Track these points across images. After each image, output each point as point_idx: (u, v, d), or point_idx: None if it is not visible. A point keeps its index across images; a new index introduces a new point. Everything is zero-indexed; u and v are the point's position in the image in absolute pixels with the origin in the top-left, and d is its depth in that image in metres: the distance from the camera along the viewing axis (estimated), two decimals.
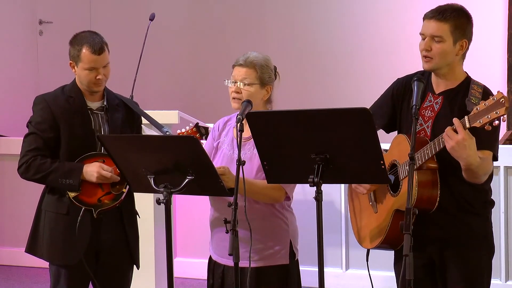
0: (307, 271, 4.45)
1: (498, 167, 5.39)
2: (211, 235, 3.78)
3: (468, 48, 3.44)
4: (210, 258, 3.80)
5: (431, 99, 3.47)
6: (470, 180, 3.31)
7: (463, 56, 3.45)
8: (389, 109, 3.59)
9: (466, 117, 3.15)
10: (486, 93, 3.37)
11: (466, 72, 3.49)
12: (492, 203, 3.52)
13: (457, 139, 3.15)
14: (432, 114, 3.44)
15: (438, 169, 3.33)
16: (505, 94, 6.80)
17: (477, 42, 3.52)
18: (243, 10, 8.10)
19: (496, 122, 3.10)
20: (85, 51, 3.78)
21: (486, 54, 6.90)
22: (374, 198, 3.60)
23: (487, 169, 3.34)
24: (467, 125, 3.14)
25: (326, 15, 7.81)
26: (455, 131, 3.16)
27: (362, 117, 3.05)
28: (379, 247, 3.54)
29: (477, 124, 3.12)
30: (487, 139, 3.30)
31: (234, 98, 3.66)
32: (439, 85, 3.48)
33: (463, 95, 3.38)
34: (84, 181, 3.75)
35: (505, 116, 3.09)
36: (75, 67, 3.84)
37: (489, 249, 3.50)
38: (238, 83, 3.64)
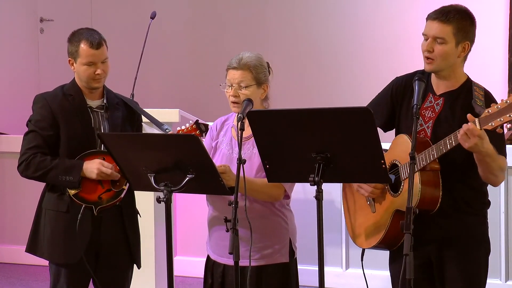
0: (307, 270, 4.45)
1: None
2: (209, 234, 3.78)
3: (470, 50, 3.42)
4: (208, 257, 3.80)
5: (432, 100, 3.46)
6: (487, 178, 3.30)
7: (465, 58, 3.44)
8: (388, 108, 3.58)
9: (476, 120, 3.13)
10: (487, 96, 3.36)
11: (466, 74, 3.48)
12: (488, 204, 3.53)
13: (477, 133, 3.09)
14: (432, 115, 3.44)
15: (440, 170, 3.32)
16: (506, 94, 6.88)
17: (478, 42, 3.51)
18: (244, 9, 8.10)
19: (509, 125, 3.10)
20: (83, 46, 3.78)
21: (487, 54, 6.89)
22: (372, 198, 3.59)
23: (503, 165, 3.31)
24: (478, 128, 3.12)
25: (327, 14, 7.80)
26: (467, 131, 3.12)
27: (363, 117, 3.05)
28: (375, 247, 3.54)
29: (488, 126, 3.09)
30: (495, 144, 3.28)
31: (233, 103, 3.64)
32: (439, 86, 3.47)
33: (465, 98, 3.37)
34: (84, 178, 3.75)
35: None
36: (74, 64, 3.84)
37: (487, 248, 3.51)
38: (235, 86, 3.63)
